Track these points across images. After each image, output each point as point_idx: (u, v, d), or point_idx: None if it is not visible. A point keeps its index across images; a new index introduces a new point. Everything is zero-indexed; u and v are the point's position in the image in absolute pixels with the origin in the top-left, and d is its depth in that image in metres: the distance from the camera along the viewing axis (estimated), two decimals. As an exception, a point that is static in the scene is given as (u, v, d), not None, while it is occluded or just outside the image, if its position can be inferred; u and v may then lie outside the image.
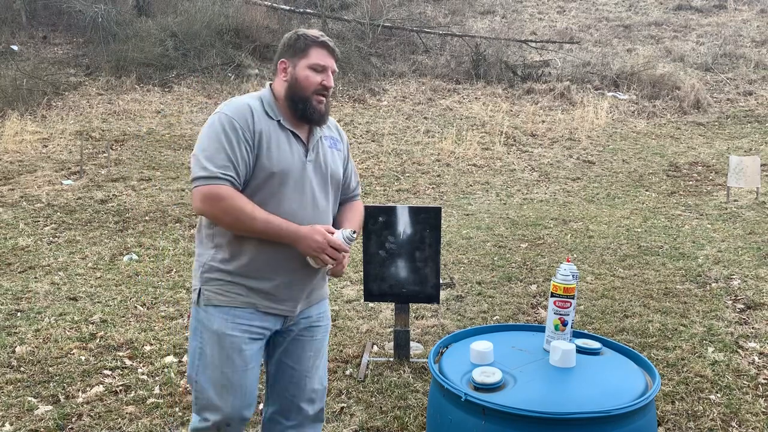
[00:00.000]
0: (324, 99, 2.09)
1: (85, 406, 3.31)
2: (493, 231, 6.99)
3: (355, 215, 2.30)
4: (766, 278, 5.27)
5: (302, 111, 2.06)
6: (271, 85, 2.14)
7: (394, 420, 3.18)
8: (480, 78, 14.91)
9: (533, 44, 16.49)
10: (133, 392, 3.46)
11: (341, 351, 4.00)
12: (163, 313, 4.59)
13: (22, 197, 7.83)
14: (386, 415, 3.23)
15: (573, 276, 2.12)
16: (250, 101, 2.05)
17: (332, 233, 2.05)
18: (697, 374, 3.63)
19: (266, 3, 16.05)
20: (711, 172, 10.02)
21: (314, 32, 2.10)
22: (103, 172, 8.90)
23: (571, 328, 2.24)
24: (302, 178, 2.06)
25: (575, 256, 6.06)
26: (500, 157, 10.92)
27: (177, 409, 3.29)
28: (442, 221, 3.75)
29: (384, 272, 3.73)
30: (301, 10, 16.60)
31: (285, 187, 2.02)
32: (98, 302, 4.79)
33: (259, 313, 2.08)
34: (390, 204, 7.96)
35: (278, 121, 2.06)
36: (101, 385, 3.52)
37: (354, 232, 2.09)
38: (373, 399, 3.39)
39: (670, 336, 4.16)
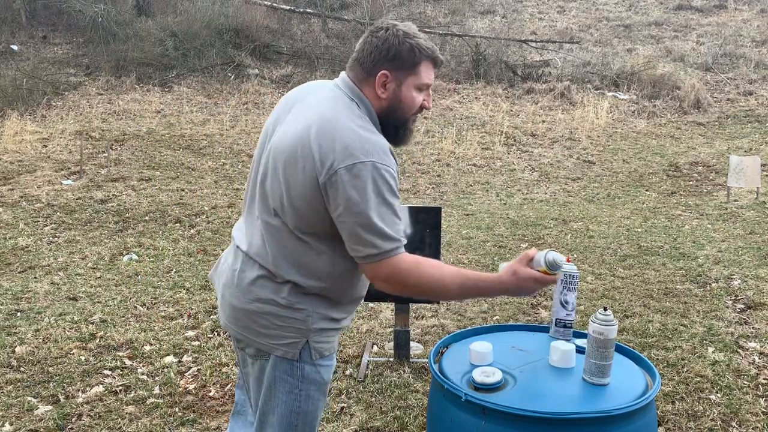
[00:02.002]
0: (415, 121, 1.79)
1: (85, 406, 3.31)
2: (493, 231, 6.99)
3: None
4: (766, 278, 5.27)
5: (397, 136, 1.77)
6: (360, 99, 1.73)
7: (394, 420, 3.18)
8: (480, 78, 14.91)
9: (533, 44, 16.49)
10: (133, 392, 3.46)
11: (341, 351, 4.00)
12: (163, 313, 4.59)
13: (21, 197, 7.83)
14: (386, 415, 3.22)
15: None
16: (381, 139, 1.68)
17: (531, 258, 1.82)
18: (698, 374, 3.63)
19: (266, 3, 16.05)
20: (711, 172, 10.02)
21: (427, 43, 1.73)
22: (103, 172, 8.90)
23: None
24: None
25: (575, 256, 6.06)
26: (500, 157, 10.92)
27: (177, 409, 3.29)
28: (442, 221, 3.75)
29: (384, 272, 3.73)
30: (301, 9, 16.60)
31: None
32: (98, 302, 4.79)
33: None
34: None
35: None
36: (101, 385, 3.52)
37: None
38: (373, 399, 3.39)
39: (670, 336, 4.16)
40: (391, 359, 3.83)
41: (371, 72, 1.71)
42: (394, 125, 1.76)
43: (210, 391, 3.46)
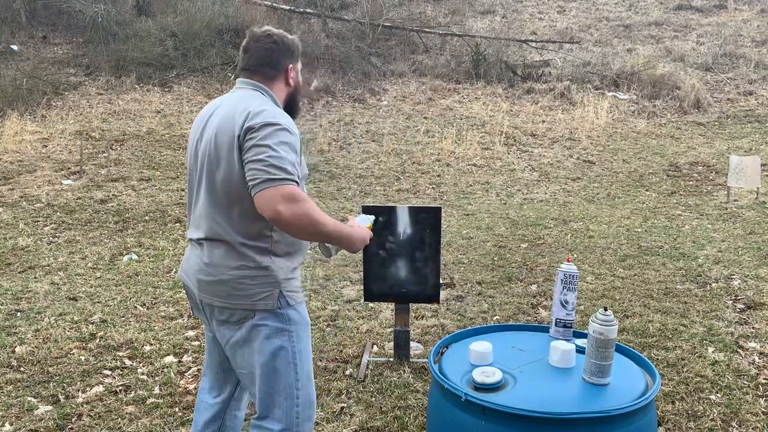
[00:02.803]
0: None
1: (85, 406, 3.31)
2: (493, 231, 6.99)
3: None
4: (766, 278, 5.27)
5: (296, 114, 2.19)
6: (265, 91, 2.12)
7: (394, 420, 3.18)
8: (480, 78, 14.90)
9: (533, 44, 16.48)
10: (133, 392, 3.46)
11: (341, 351, 4.00)
12: (163, 313, 4.59)
13: (22, 197, 7.83)
14: (386, 415, 3.22)
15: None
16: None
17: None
18: (697, 374, 3.63)
19: (266, 3, 16.04)
20: (711, 172, 10.02)
21: (291, 35, 2.21)
22: (102, 172, 8.90)
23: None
24: None
25: (575, 256, 6.06)
26: (500, 157, 10.92)
27: (177, 409, 3.29)
28: (442, 221, 3.75)
29: (384, 272, 3.73)
30: (301, 9, 16.60)
31: None
32: (98, 302, 4.79)
33: None
34: (390, 204, 7.96)
35: None
36: (101, 385, 3.52)
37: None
38: (373, 399, 3.39)
39: (670, 336, 4.16)
40: (391, 359, 3.83)
41: (282, 69, 2.15)
42: (296, 107, 2.22)
43: None
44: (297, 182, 1.92)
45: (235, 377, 2.25)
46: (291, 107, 2.16)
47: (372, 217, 2.37)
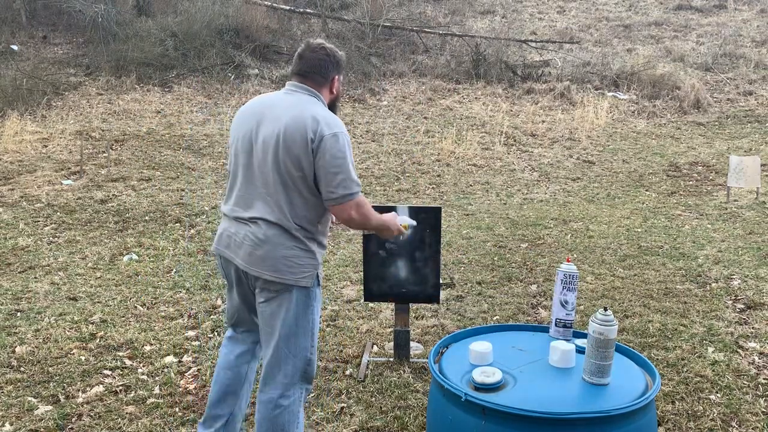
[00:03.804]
0: None
1: (85, 406, 3.31)
2: (493, 231, 6.99)
3: None
4: (766, 278, 5.27)
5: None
6: (318, 96, 2.47)
7: (394, 420, 3.18)
8: (480, 78, 14.90)
9: (533, 44, 16.48)
10: (133, 392, 3.46)
11: (341, 351, 4.00)
12: (163, 313, 4.59)
13: (22, 197, 7.83)
14: (386, 415, 3.23)
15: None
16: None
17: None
18: (697, 374, 3.63)
19: (266, 3, 16.04)
20: (711, 172, 10.02)
21: (340, 51, 2.58)
22: (103, 172, 8.90)
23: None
24: None
25: (575, 256, 6.06)
26: (500, 157, 10.92)
27: (177, 409, 3.29)
28: (442, 221, 3.75)
29: (384, 272, 3.73)
30: (301, 9, 16.60)
31: None
32: (98, 302, 4.79)
33: None
34: (390, 204, 7.96)
35: None
36: (101, 385, 3.52)
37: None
38: (373, 399, 3.39)
39: (670, 336, 4.16)
40: (391, 359, 3.83)
41: (328, 80, 2.50)
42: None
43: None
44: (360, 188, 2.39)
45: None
46: (331, 111, 2.49)
47: (413, 222, 2.92)
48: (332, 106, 2.52)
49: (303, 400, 2.55)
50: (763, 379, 3.60)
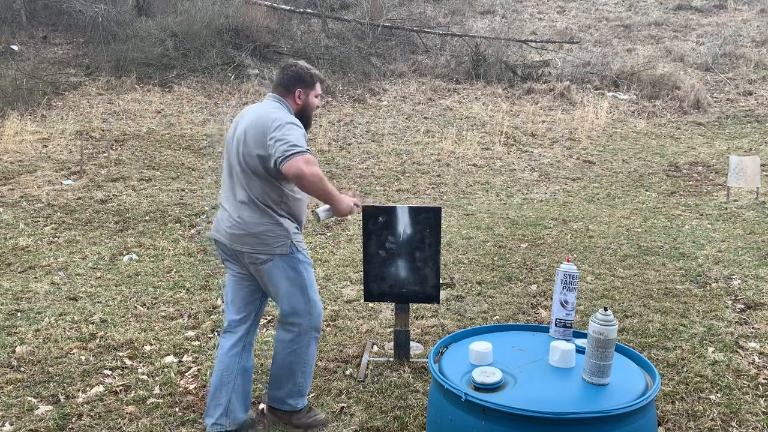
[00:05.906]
0: None
1: (85, 406, 3.31)
2: (493, 231, 6.99)
3: None
4: (766, 278, 5.27)
5: (307, 127, 2.92)
6: (283, 102, 2.91)
7: (394, 420, 3.18)
8: (480, 78, 14.91)
9: (533, 44, 16.49)
10: (133, 392, 3.46)
11: (341, 351, 4.00)
12: (163, 313, 4.59)
13: (22, 197, 7.83)
14: (386, 415, 3.23)
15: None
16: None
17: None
18: (697, 374, 3.63)
19: (266, 3, 16.04)
20: (711, 172, 10.02)
21: (316, 70, 3.02)
22: (103, 172, 8.90)
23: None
24: None
25: (575, 256, 6.06)
26: (500, 157, 10.93)
27: (177, 409, 3.29)
28: (442, 221, 3.75)
29: (384, 272, 3.73)
30: (301, 10, 16.60)
31: None
32: (98, 302, 4.79)
33: None
34: (390, 204, 7.96)
35: None
36: (101, 385, 3.52)
37: None
38: (373, 399, 3.39)
39: (670, 336, 4.16)
40: (391, 359, 3.83)
41: (291, 91, 2.93)
42: (306, 121, 2.96)
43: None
44: (310, 152, 2.66)
45: (255, 308, 3.03)
46: (302, 121, 2.87)
47: (326, 213, 3.07)
48: (302, 116, 2.92)
49: (310, 345, 2.99)
50: (763, 379, 3.60)
